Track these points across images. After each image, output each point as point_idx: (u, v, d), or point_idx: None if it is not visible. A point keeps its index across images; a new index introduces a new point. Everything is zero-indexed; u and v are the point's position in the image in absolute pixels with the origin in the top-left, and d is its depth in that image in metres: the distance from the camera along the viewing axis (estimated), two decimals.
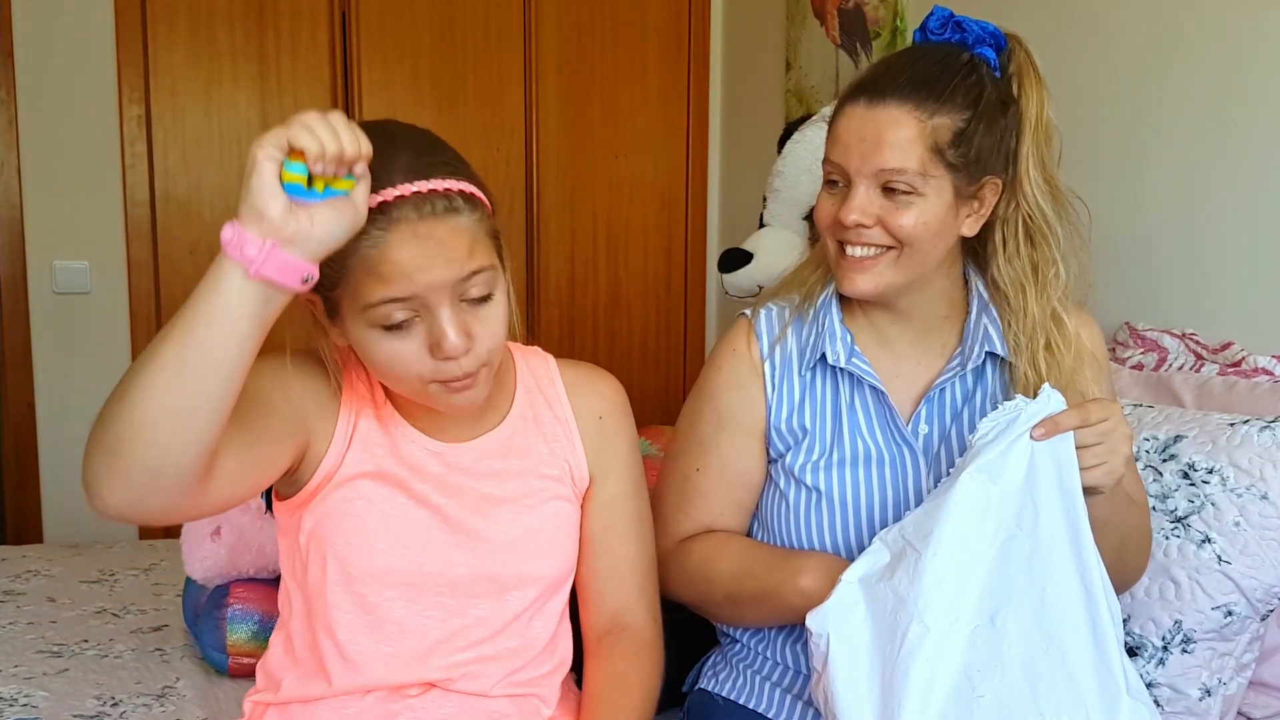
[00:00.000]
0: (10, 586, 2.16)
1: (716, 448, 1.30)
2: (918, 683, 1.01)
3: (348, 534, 1.10)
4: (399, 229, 0.98)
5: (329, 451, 1.11)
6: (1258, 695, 1.44)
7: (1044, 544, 1.05)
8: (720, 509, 1.31)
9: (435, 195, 0.99)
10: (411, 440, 1.14)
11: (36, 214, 3.12)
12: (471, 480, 1.15)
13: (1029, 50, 1.23)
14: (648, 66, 3.55)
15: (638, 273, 3.61)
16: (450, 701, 1.13)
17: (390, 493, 1.12)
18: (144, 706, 1.63)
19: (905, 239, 1.17)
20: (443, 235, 0.99)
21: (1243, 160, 1.69)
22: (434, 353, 1.02)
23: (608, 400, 1.24)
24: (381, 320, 1.00)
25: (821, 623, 1.07)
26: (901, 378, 1.28)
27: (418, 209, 0.98)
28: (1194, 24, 1.77)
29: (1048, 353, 1.22)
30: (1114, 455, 1.07)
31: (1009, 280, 1.24)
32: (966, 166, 1.17)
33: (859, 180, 1.17)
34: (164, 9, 3.14)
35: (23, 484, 3.20)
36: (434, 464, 1.14)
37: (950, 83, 1.16)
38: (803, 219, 2.31)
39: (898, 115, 1.15)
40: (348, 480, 1.11)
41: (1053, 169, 1.23)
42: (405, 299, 0.99)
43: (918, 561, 1.04)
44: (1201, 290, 1.77)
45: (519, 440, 1.18)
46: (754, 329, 1.32)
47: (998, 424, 1.07)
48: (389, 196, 0.98)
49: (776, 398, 1.28)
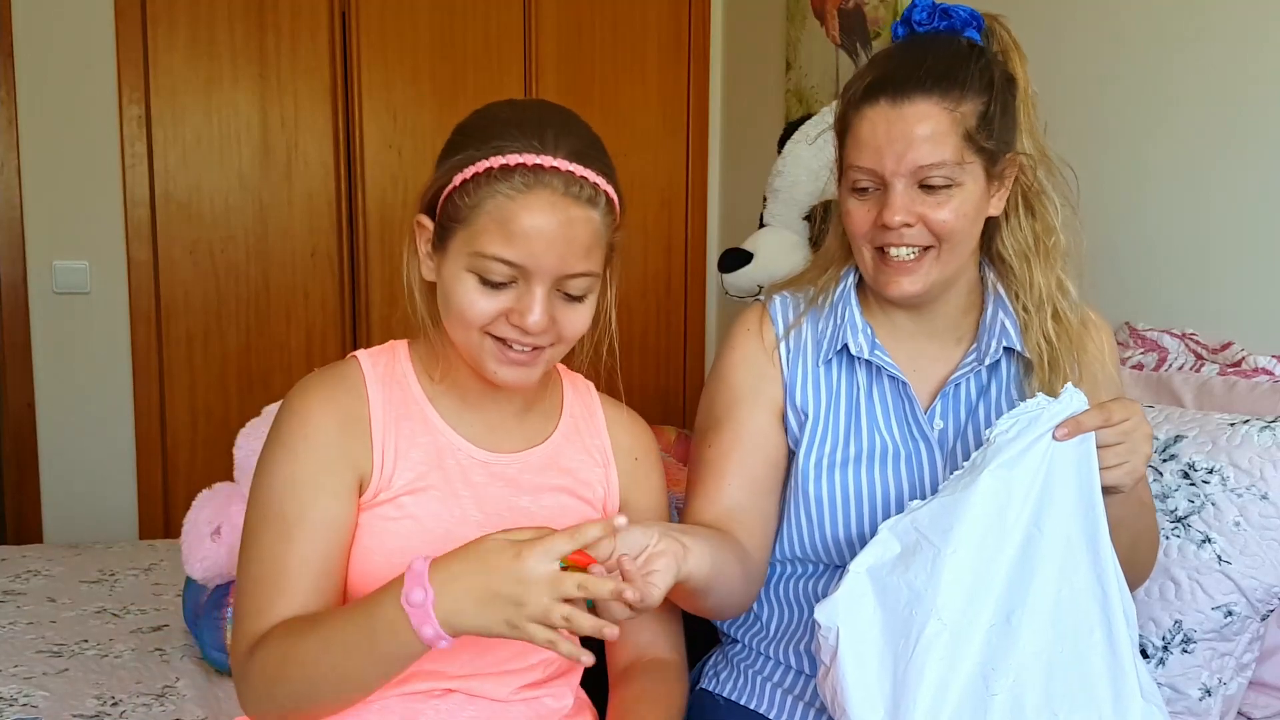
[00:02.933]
0: (10, 586, 2.17)
1: (730, 422, 1.28)
2: (932, 679, 1.01)
3: (389, 554, 1.08)
4: (542, 194, 1.01)
5: (374, 467, 1.09)
6: (1258, 695, 1.43)
7: (1062, 544, 1.05)
8: (735, 484, 1.25)
9: (585, 182, 1.03)
10: (455, 446, 1.13)
11: (36, 214, 3.12)
12: (511, 492, 1.14)
13: (1007, 26, 1.24)
14: (648, 66, 3.55)
15: (638, 273, 3.61)
16: (473, 706, 1.12)
17: (434, 508, 1.10)
18: (144, 706, 1.63)
19: (945, 234, 1.17)
20: (576, 219, 1.02)
21: (1243, 160, 1.69)
22: (511, 317, 1.04)
23: (643, 444, 1.26)
24: (483, 271, 1.03)
25: (831, 615, 1.06)
26: (918, 372, 1.27)
27: (566, 185, 1.02)
28: (1194, 24, 1.77)
29: (1055, 321, 1.23)
30: (1135, 455, 1.07)
31: (1014, 252, 1.25)
32: (994, 148, 1.18)
33: (895, 181, 1.16)
34: (164, 9, 3.14)
35: (23, 484, 3.20)
36: (476, 472, 1.13)
37: (967, 69, 1.16)
38: (803, 219, 2.31)
39: (926, 109, 1.14)
40: (391, 498, 1.09)
41: (1040, 137, 1.24)
42: (515, 264, 1.02)
43: (936, 557, 1.03)
44: (1201, 290, 1.77)
45: (565, 457, 1.18)
46: (768, 312, 1.32)
47: (1018, 422, 1.07)
48: (546, 163, 1.01)
49: (791, 377, 1.28)
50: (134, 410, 3.22)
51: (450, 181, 1.04)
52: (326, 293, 3.34)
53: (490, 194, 1.01)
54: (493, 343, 1.06)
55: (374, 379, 1.13)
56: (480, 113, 1.10)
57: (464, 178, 1.03)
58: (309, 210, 3.29)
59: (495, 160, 1.02)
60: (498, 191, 1.01)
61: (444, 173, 1.06)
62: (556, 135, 1.03)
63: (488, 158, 1.02)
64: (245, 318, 3.27)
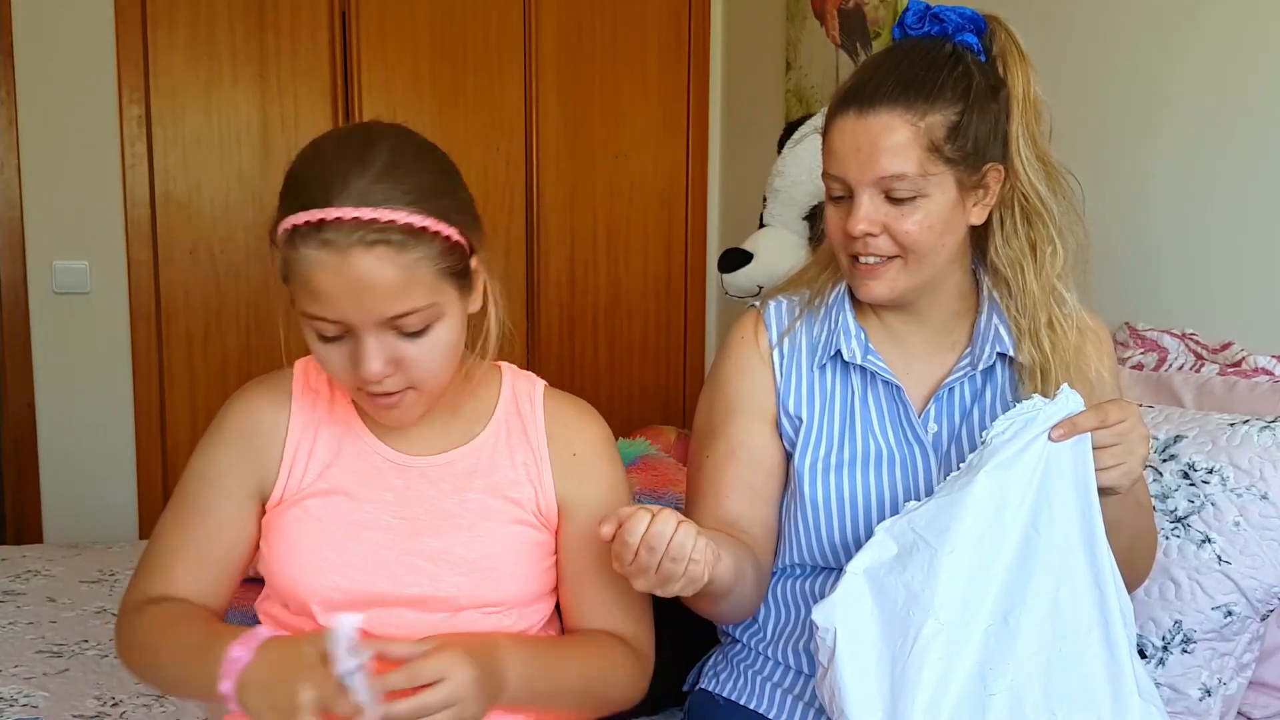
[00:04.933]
0: (10, 586, 2.16)
1: (725, 432, 1.29)
2: (930, 679, 1.01)
3: (295, 553, 1.11)
4: (326, 253, 0.98)
5: (279, 475, 1.14)
6: (1258, 695, 1.43)
7: (1059, 544, 1.05)
8: (734, 496, 1.27)
9: (375, 224, 0.97)
10: (375, 451, 1.15)
11: (36, 214, 3.12)
12: (432, 494, 1.14)
13: (1009, 29, 1.22)
14: (648, 66, 3.54)
15: (638, 273, 3.61)
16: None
17: (341, 510, 1.12)
18: (144, 706, 1.63)
19: (910, 245, 1.17)
20: (371, 267, 0.98)
21: (1243, 160, 1.69)
22: (356, 369, 1.03)
23: (586, 438, 1.21)
24: (315, 328, 1.03)
25: (828, 616, 1.06)
26: (912, 375, 1.27)
27: (347, 235, 0.97)
28: (1194, 25, 1.77)
29: (1050, 330, 1.22)
30: (1132, 456, 1.07)
31: (1007, 261, 1.24)
32: (966, 158, 1.17)
33: (861, 190, 1.17)
34: (164, 9, 3.13)
35: (23, 484, 3.20)
36: (394, 476, 1.14)
37: (937, 79, 1.16)
38: (803, 219, 2.32)
39: (889, 120, 1.14)
40: (296, 501, 1.13)
41: (1044, 146, 1.23)
42: (333, 320, 1.01)
43: (933, 558, 1.04)
44: (1201, 290, 1.77)
45: (486, 459, 1.17)
46: (762, 318, 1.32)
47: (1014, 423, 1.07)
48: (329, 215, 0.97)
49: (784, 384, 1.28)
50: (134, 410, 3.22)
51: (271, 239, 1.04)
52: None
53: (294, 255, 0.99)
54: (363, 394, 1.06)
55: (302, 388, 1.18)
56: (299, 155, 1.06)
57: (273, 237, 1.03)
58: None
59: (290, 220, 1.00)
60: (298, 252, 0.99)
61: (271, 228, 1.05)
62: (347, 174, 0.98)
63: (288, 215, 1.01)
64: (245, 318, 3.27)
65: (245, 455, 1.15)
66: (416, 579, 1.11)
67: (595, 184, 3.53)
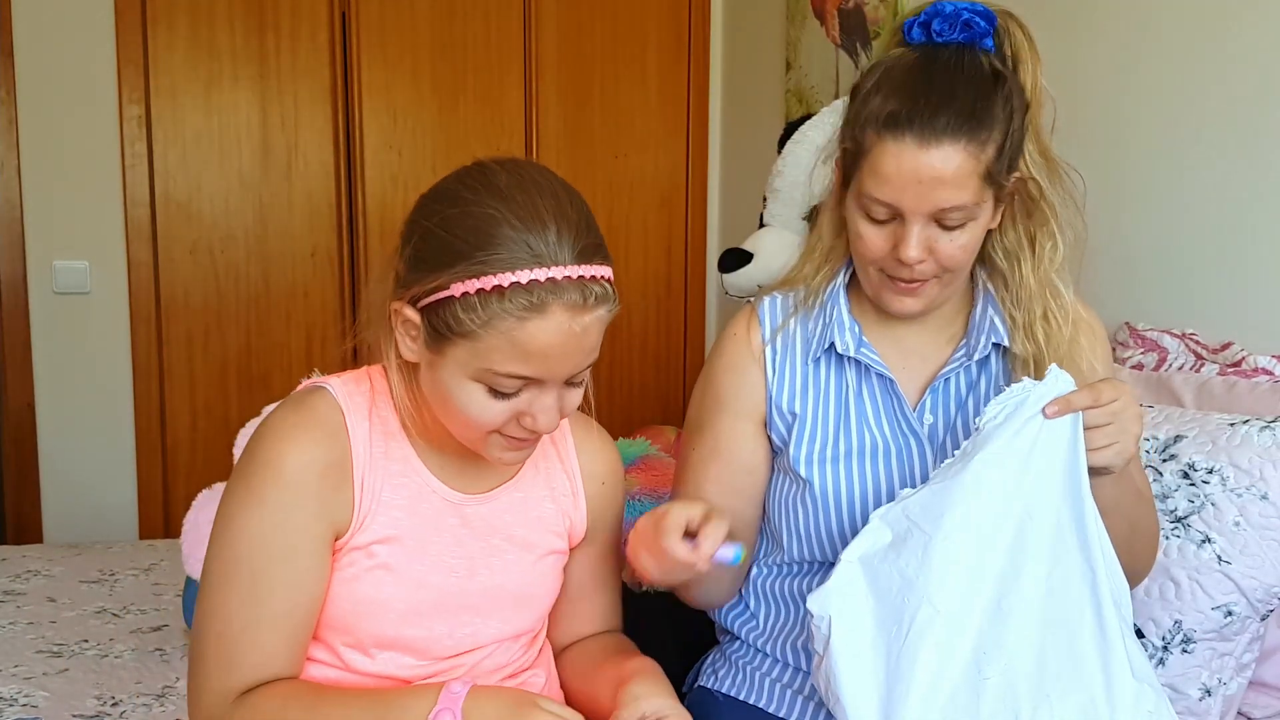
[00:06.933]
0: (10, 586, 2.17)
1: (711, 429, 1.30)
2: (927, 665, 1.01)
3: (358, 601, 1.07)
4: (556, 311, 0.94)
5: (353, 516, 1.06)
6: (1258, 695, 1.43)
7: (1052, 527, 1.05)
8: (713, 491, 1.28)
9: (598, 282, 0.96)
10: (433, 490, 1.10)
11: (36, 214, 3.12)
12: (485, 535, 1.13)
13: (1023, 25, 1.21)
14: (648, 66, 3.54)
15: (638, 273, 3.61)
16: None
17: (408, 558, 1.08)
18: (144, 706, 1.63)
19: (951, 265, 1.17)
20: (590, 326, 0.97)
21: (1243, 160, 1.69)
22: (523, 420, 1.01)
23: (610, 466, 1.24)
24: (492, 384, 0.98)
25: (823, 604, 1.06)
26: (908, 368, 1.28)
27: (579, 293, 0.95)
28: (1195, 26, 1.77)
29: (1044, 323, 1.22)
30: (1125, 435, 1.07)
31: (1004, 252, 1.24)
32: (1005, 175, 1.16)
33: (914, 219, 1.15)
34: (164, 9, 3.14)
35: (23, 484, 3.20)
36: (450, 515, 1.12)
37: (991, 108, 1.13)
38: (803, 219, 2.31)
39: (952, 153, 1.11)
40: (364, 545, 1.07)
41: (1046, 140, 1.22)
42: (530, 378, 0.98)
43: (928, 544, 1.04)
44: (1201, 290, 1.77)
45: (533, 494, 1.18)
46: (756, 314, 1.32)
47: (1005, 407, 1.07)
48: (558, 275, 0.94)
49: (777, 381, 1.28)
50: (134, 410, 3.22)
51: (446, 289, 0.95)
52: (326, 293, 3.34)
53: (499, 313, 0.94)
54: (499, 436, 1.04)
55: (354, 413, 1.07)
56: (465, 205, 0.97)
57: (465, 290, 0.94)
58: (309, 210, 3.29)
59: (503, 278, 0.93)
60: (507, 312, 0.93)
61: (436, 277, 0.96)
62: (559, 231, 0.95)
63: (493, 273, 0.93)
64: (245, 318, 3.27)
65: (316, 503, 1.03)
66: (470, 618, 1.12)
67: (595, 184, 3.52)
